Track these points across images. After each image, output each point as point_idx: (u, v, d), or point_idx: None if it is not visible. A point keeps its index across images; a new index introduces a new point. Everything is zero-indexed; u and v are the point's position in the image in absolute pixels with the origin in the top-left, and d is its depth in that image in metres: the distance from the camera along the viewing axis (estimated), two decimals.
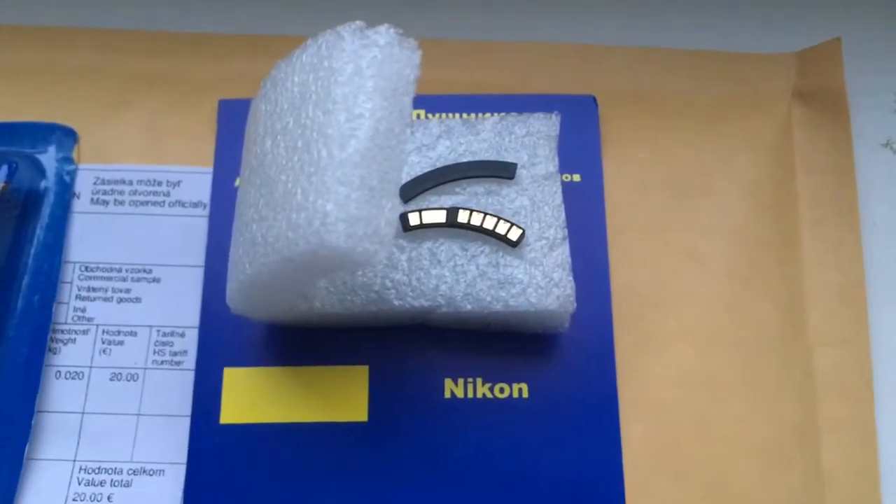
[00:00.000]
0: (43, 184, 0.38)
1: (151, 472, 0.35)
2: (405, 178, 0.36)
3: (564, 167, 0.38)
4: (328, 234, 0.27)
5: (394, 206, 0.28)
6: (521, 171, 0.36)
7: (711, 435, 0.35)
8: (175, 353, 0.36)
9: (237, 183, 0.37)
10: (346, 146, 0.27)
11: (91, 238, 0.38)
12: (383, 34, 0.29)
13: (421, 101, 0.39)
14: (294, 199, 0.28)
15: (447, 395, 0.35)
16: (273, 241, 0.28)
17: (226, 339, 0.35)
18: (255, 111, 0.33)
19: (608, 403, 0.35)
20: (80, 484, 0.34)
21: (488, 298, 0.34)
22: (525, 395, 0.35)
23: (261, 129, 0.31)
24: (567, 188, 0.37)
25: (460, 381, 0.35)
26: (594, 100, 0.39)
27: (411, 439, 0.34)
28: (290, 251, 0.28)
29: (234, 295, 0.32)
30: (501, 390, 0.35)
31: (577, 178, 0.38)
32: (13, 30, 0.41)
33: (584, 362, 0.35)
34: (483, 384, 0.35)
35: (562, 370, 0.35)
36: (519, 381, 0.35)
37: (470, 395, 0.35)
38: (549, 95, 0.39)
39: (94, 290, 0.37)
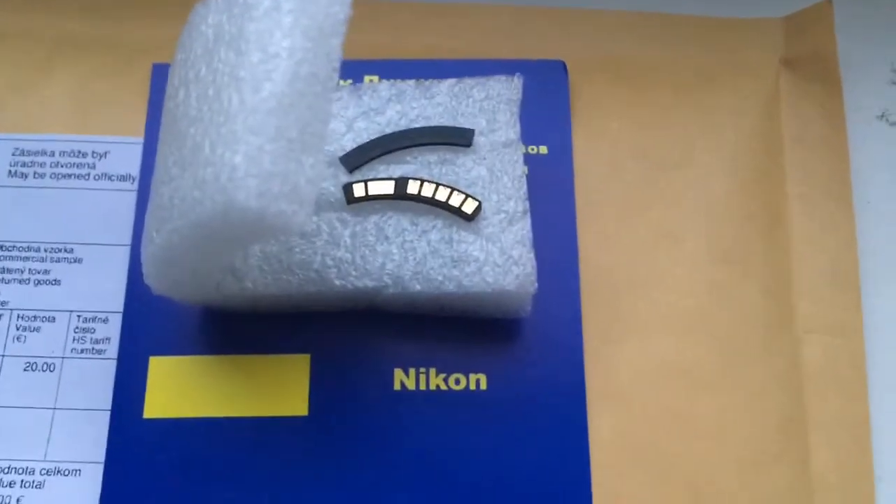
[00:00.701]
0: None
1: (66, 472, 0.33)
2: (351, 146, 0.34)
3: (530, 138, 0.37)
4: (236, 190, 0.25)
5: (317, 162, 0.26)
6: (478, 138, 0.35)
7: (689, 431, 0.34)
8: (97, 341, 0.35)
9: None
10: (259, 90, 0.25)
11: (7, 214, 0.36)
12: None
13: (373, 67, 0.38)
14: (202, 154, 0.25)
15: (397, 386, 0.34)
16: (179, 203, 0.26)
17: (152, 325, 0.34)
18: (172, 64, 0.31)
19: (575, 396, 0.34)
20: None
21: (440, 278, 0.33)
22: (483, 386, 0.34)
23: (175, 81, 0.29)
24: (533, 161, 0.36)
25: (412, 371, 0.34)
26: (564, 66, 0.39)
27: (356, 435, 0.33)
28: (197, 214, 0.26)
29: (149, 270, 0.30)
30: (457, 381, 0.34)
31: (543, 150, 0.37)
32: None
33: (549, 351, 0.34)
34: (437, 375, 0.34)
35: (524, 359, 0.34)
36: (476, 372, 0.34)
37: (422, 386, 0.34)
38: (515, 60, 0.38)
39: (8, 271, 0.36)
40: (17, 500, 0.33)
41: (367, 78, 0.37)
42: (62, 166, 0.37)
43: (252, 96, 0.25)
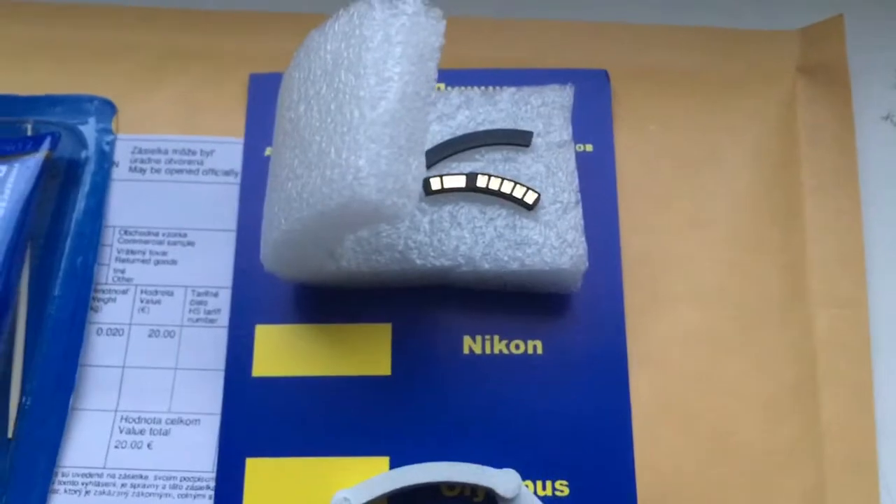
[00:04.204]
0: (84, 153, 0.40)
1: (188, 422, 0.36)
2: (427, 146, 0.37)
3: (578, 138, 0.39)
4: (360, 187, 0.29)
5: (420, 164, 0.30)
6: (536, 139, 0.37)
7: (714, 389, 0.36)
8: (209, 312, 0.38)
9: (267, 152, 0.39)
10: (376, 107, 0.29)
11: (130, 204, 0.40)
12: (411, 3, 0.31)
13: (442, 75, 0.38)
14: (328, 157, 0.29)
15: (466, 351, 0.36)
16: (308, 197, 0.30)
17: (257, 298, 0.37)
18: (288, 80, 0.35)
19: (618, 359, 0.36)
20: (121, 432, 0.36)
21: (505, 258, 0.36)
22: (539, 351, 0.36)
23: (294, 96, 0.33)
24: (580, 157, 0.39)
25: (478, 338, 0.36)
26: (606, 74, 0.41)
27: (432, 393, 0.36)
28: (325, 205, 0.30)
29: (268, 251, 0.34)
30: (517, 347, 0.36)
31: (589, 148, 0.40)
32: (54, 7, 0.43)
33: (596, 321, 0.37)
34: (500, 341, 0.36)
35: (574, 328, 0.36)
36: (534, 339, 0.36)
37: (487, 351, 0.36)
38: (564, 70, 0.40)
39: (132, 252, 0.39)
40: (148, 445, 0.36)
41: (436, 86, 0.38)
42: (175, 163, 0.40)
43: (371, 112, 0.29)
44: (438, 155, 0.37)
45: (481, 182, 0.36)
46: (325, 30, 0.33)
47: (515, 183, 0.36)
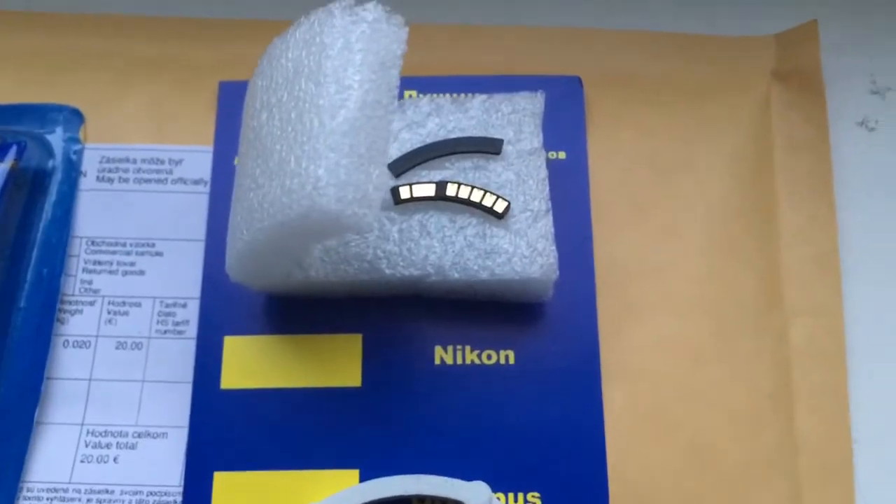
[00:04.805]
0: (51, 162, 0.40)
1: (155, 435, 0.36)
2: (396, 154, 0.37)
3: (551, 145, 0.39)
4: (319, 197, 0.28)
5: (381, 173, 0.30)
6: (507, 147, 0.37)
7: (689, 399, 0.36)
8: (177, 323, 0.37)
9: (236, 161, 0.39)
10: (336, 115, 0.29)
11: (97, 214, 0.39)
12: (371, 10, 0.31)
13: (412, 83, 0.40)
14: (288, 167, 0.29)
15: (437, 361, 0.36)
16: (268, 207, 0.30)
17: (226, 309, 0.37)
18: (252, 87, 0.34)
19: (591, 369, 0.36)
20: (87, 446, 0.36)
21: (475, 267, 0.35)
22: (511, 361, 0.36)
23: (257, 104, 0.33)
24: (553, 165, 0.38)
25: (449, 348, 0.36)
26: (579, 80, 0.41)
27: (403, 404, 0.35)
28: (284, 215, 0.29)
29: (233, 262, 0.34)
30: (489, 357, 0.36)
31: (562, 155, 0.39)
32: (21, 16, 0.43)
33: (569, 330, 0.36)
34: (471, 351, 0.36)
35: (547, 337, 0.36)
36: (506, 348, 0.36)
37: (459, 361, 0.36)
38: (536, 76, 0.40)
39: (100, 263, 0.38)
40: (115, 459, 0.35)
41: (406, 93, 0.39)
42: (143, 172, 0.39)
43: (330, 121, 0.29)
44: (408, 163, 0.37)
45: (451, 190, 0.36)
46: (287, 37, 0.32)
47: (485, 191, 0.36)
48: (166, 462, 0.35)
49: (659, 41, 0.42)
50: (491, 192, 0.36)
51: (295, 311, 0.37)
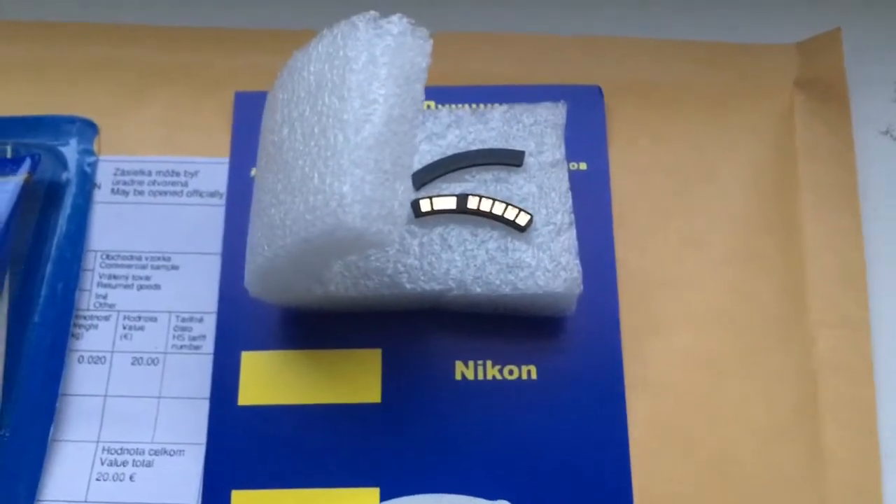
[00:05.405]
0: (65, 175, 0.39)
1: (172, 453, 0.35)
2: (416, 166, 0.36)
3: (571, 156, 0.38)
4: (344, 214, 0.28)
5: (406, 189, 0.29)
6: (528, 159, 0.37)
7: (714, 414, 0.36)
8: (194, 338, 0.37)
9: (253, 173, 0.38)
10: (361, 130, 0.28)
11: (112, 227, 0.39)
12: (396, 23, 0.30)
13: (431, 93, 0.39)
14: (311, 183, 0.29)
15: (458, 376, 0.36)
16: (291, 224, 0.29)
17: (243, 323, 0.36)
18: (272, 101, 0.34)
19: (614, 384, 0.36)
20: (103, 464, 0.35)
21: (497, 282, 0.35)
22: (533, 376, 0.36)
23: (278, 118, 0.32)
24: (574, 176, 0.38)
25: (470, 363, 0.36)
26: (600, 90, 0.40)
27: (423, 420, 0.35)
28: (308, 232, 0.29)
29: (253, 278, 0.33)
30: (511, 372, 0.36)
31: (583, 166, 0.39)
32: (34, 26, 0.42)
33: (591, 344, 0.36)
34: (493, 366, 0.36)
35: (569, 352, 0.36)
36: (527, 363, 0.36)
37: (480, 376, 0.36)
38: (556, 86, 0.40)
39: (115, 277, 0.38)
40: (131, 477, 0.35)
41: (424, 104, 0.37)
42: (158, 184, 0.39)
43: (355, 136, 0.28)
44: (428, 176, 0.37)
45: (472, 203, 0.36)
46: (309, 50, 0.32)
47: (507, 204, 0.36)
48: (183, 480, 0.35)
49: (680, 49, 0.42)
50: (513, 205, 0.36)
51: (314, 326, 0.36)
